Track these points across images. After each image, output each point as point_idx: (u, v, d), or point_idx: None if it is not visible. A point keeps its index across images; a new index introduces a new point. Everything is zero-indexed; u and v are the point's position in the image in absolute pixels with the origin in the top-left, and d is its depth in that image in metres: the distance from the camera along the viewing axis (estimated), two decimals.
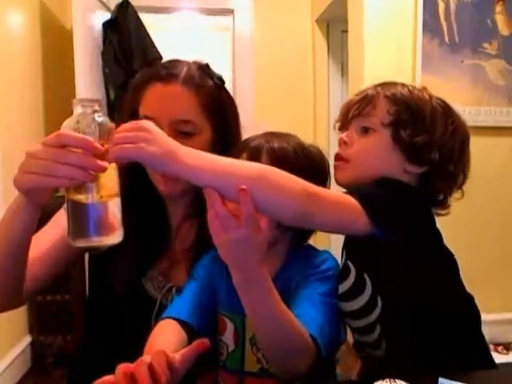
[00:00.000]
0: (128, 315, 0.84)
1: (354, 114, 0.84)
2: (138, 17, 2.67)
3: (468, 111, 2.18)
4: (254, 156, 0.77)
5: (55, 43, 2.62)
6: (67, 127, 0.63)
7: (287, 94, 2.98)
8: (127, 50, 2.59)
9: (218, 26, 3.90)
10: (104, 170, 0.61)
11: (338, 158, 0.85)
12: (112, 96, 2.60)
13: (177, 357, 0.59)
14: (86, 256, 1.05)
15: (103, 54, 2.61)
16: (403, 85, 0.86)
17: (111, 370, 0.58)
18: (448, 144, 0.82)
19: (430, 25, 2.13)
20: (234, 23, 2.97)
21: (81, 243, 0.64)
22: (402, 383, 0.61)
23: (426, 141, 0.80)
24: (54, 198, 0.71)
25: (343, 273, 0.82)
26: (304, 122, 2.97)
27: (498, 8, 2.19)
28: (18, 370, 2.17)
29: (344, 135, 0.85)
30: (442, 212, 0.86)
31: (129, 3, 2.64)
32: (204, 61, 0.97)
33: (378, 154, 0.82)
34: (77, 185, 0.62)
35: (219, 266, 0.84)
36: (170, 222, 0.98)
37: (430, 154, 0.81)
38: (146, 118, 0.89)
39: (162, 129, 0.86)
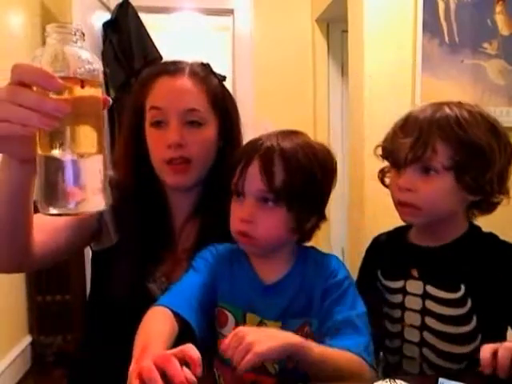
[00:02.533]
0: (130, 316, 0.84)
1: (411, 158, 0.83)
2: (138, 17, 2.67)
3: None
4: (267, 158, 0.76)
5: None
6: (35, 58, 0.53)
7: (287, 94, 2.98)
8: (127, 50, 2.59)
9: (218, 26, 3.90)
10: (63, 112, 0.50)
11: (403, 204, 0.86)
12: (112, 96, 2.60)
13: None
14: (88, 257, 1.05)
15: (103, 54, 2.61)
16: (451, 109, 0.84)
17: (111, 370, 0.58)
18: (504, 166, 0.85)
19: (430, 25, 2.13)
20: (233, 23, 2.97)
21: (53, 210, 0.53)
22: (402, 383, 0.62)
23: (490, 176, 0.82)
24: None
25: (457, 301, 0.84)
26: (304, 121, 2.96)
27: (498, 8, 2.19)
28: (17, 370, 2.17)
29: (404, 181, 0.85)
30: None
31: (129, 3, 2.64)
32: (204, 61, 0.99)
33: (445, 198, 0.84)
34: (46, 135, 0.52)
35: (223, 259, 0.85)
36: (173, 223, 0.99)
37: (492, 183, 0.83)
38: (154, 108, 0.91)
39: (169, 119, 0.89)
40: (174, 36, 4.05)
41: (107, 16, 2.68)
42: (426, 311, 0.86)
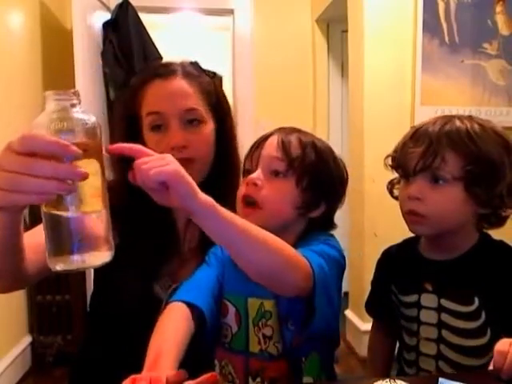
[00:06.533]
0: (133, 316, 0.84)
1: (420, 167, 0.83)
2: (138, 17, 2.67)
3: (468, 111, 2.18)
4: (285, 133, 0.82)
5: (55, 43, 2.62)
6: (38, 126, 0.53)
7: (287, 94, 2.98)
8: (127, 50, 2.59)
9: (217, 26, 3.90)
10: (85, 177, 0.52)
11: (412, 212, 0.86)
12: (112, 96, 2.60)
13: None
14: None
15: (103, 53, 2.61)
16: (461, 122, 0.84)
17: (113, 370, 0.58)
18: None
19: (430, 25, 2.13)
20: (234, 23, 2.97)
21: (61, 266, 0.54)
22: (402, 383, 0.62)
23: (500, 190, 0.82)
24: None
25: (471, 314, 0.84)
26: (304, 121, 2.96)
27: (498, 8, 2.19)
28: (17, 370, 2.17)
29: (414, 189, 0.85)
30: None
31: (129, 3, 2.64)
32: (193, 59, 0.99)
33: (453, 208, 0.84)
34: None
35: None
36: (175, 224, 0.99)
37: (502, 197, 0.83)
38: (152, 113, 0.90)
39: (169, 122, 0.89)
40: (173, 36, 4.05)
41: (107, 16, 2.68)
42: (442, 324, 0.86)
